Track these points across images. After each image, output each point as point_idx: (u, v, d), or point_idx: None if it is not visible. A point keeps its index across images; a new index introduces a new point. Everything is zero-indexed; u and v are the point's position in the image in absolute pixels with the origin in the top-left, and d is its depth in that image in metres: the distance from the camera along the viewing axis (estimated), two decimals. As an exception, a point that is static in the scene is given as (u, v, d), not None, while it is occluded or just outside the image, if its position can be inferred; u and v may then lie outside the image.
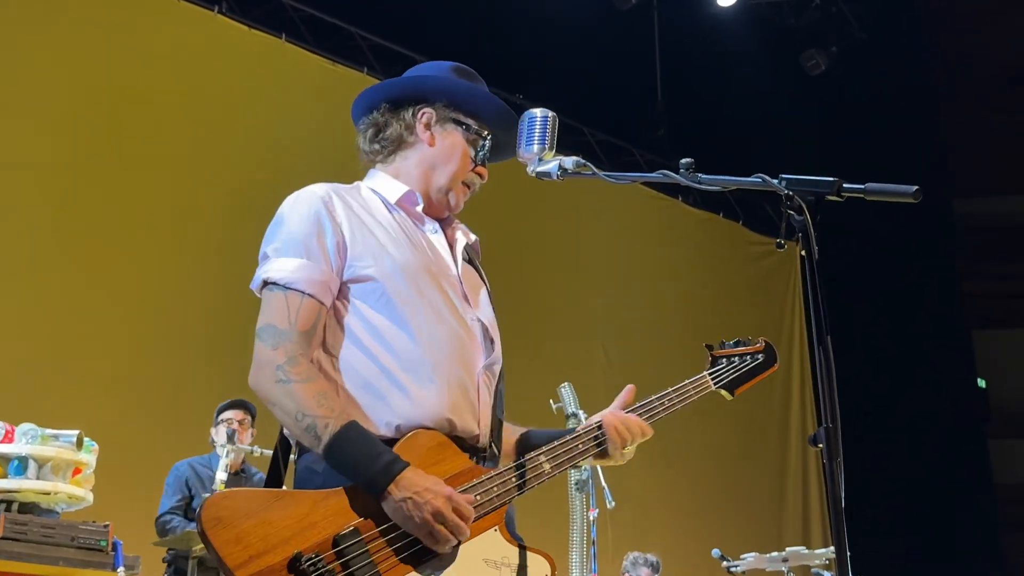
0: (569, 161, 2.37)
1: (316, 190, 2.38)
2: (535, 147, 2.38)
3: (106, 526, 4.50)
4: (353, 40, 9.06)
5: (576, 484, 5.85)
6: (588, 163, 2.36)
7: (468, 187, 2.53)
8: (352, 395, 2.25)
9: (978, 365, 15.28)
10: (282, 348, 2.20)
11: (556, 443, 2.41)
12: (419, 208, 2.47)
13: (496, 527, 2.23)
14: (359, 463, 2.13)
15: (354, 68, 8.85)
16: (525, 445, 2.49)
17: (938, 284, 13.81)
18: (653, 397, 2.59)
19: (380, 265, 2.30)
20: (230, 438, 5.41)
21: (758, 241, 11.05)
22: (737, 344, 2.74)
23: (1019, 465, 14.88)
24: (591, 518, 5.76)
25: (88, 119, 7.41)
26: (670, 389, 2.59)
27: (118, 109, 7.54)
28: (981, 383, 15.52)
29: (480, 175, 2.55)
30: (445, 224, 2.55)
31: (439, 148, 2.51)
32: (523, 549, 2.26)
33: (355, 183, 2.52)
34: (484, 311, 2.45)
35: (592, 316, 9.33)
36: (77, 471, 4.60)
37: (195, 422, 6.47)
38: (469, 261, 2.55)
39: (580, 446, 2.45)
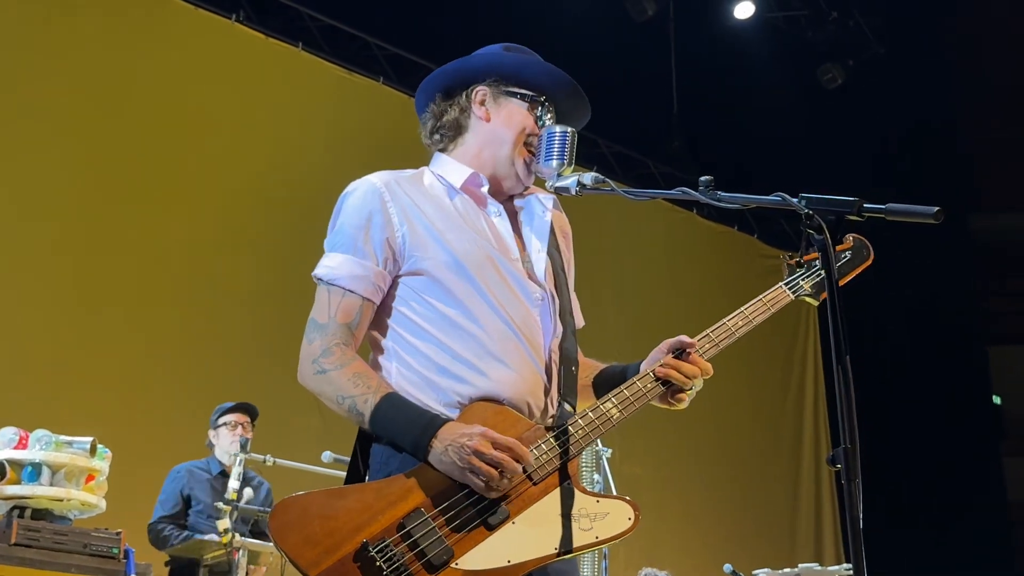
0: (588, 177, 2.37)
1: (374, 180, 2.42)
2: (554, 162, 2.39)
3: (118, 534, 4.50)
4: (369, 50, 9.08)
5: (588, 497, 5.84)
6: (607, 179, 2.37)
7: (530, 147, 2.50)
8: (428, 381, 2.29)
9: (993, 382, 15.21)
10: (318, 341, 2.29)
11: (623, 387, 2.38)
12: (484, 189, 2.48)
13: (565, 483, 2.23)
14: (403, 428, 2.19)
15: (370, 77, 8.87)
16: (600, 386, 2.53)
17: (954, 300, 13.75)
18: (715, 326, 2.51)
19: (438, 256, 2.34)
20: (243, 447, 5.40)
21: (772, 255, 11.02)
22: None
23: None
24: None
25: (104, 125, 7.43)
26: (734, 314, 2.49)
27: (134, 116, 7.56)
28: (997, 400, 15.44)
29: None
30: (516, 199, 2.55)
31: (496, 121, 2.52)
32: (600, 498, 2.26)
33: (420, 168, 2.54)
34: (551, 284, 2.46)
35: (604, 328, 9.32)
36: (90, 478, 4.60)
37: (207, 428, 6.47)
38: (551, 232, 2.54)
39: (643, 389, 2.39)
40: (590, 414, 2.31)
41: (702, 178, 2.18)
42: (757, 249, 11.11)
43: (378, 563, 2.07)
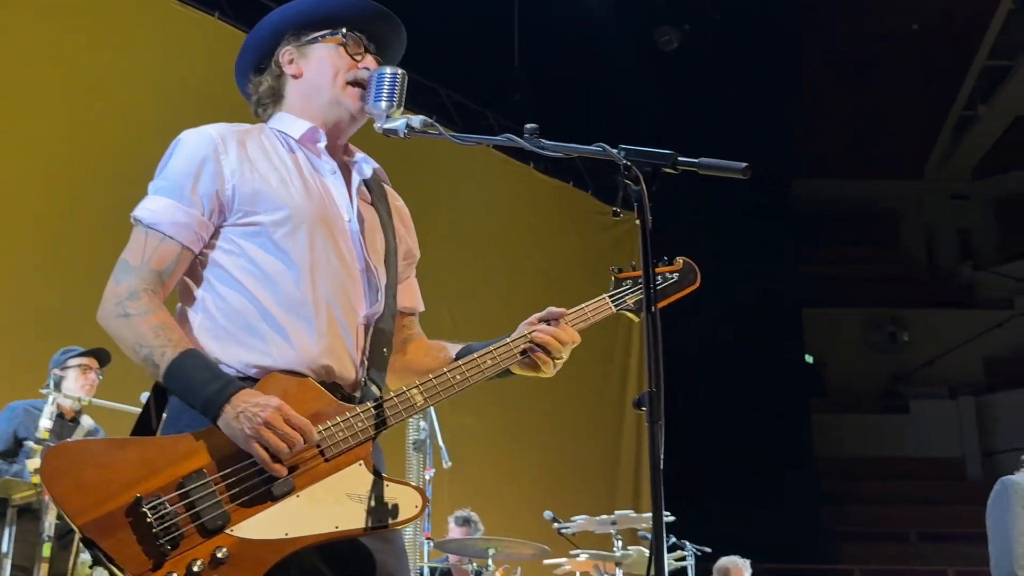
0: (416, 120, 2.37)
1: (210, 130, 2.37)
2: (383, 103, 2.38)
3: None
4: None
5: (413, 443, 5.89)
6: (435, 123, 2.37)
7: (358, 84, 2.46)
8: (231, 334, 2.25)
9: (806, 342, 15.96)
10: (126, 283, 2.23)
11: (442, 371, 2.36)
12: (321, 145, 2.44)
13: (360, 461, 2.21)
14: (197, 386, 2.14)
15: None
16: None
17: (774, 262, 14.31)
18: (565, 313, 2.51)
19: (267, 210, 2.30)
20: (56, 385, 5.23)
21: (606, 211, 11.24)
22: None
23: (838, 439, 15.65)
24: (427, 478, 5.81)
25: (83, 120, 7.38)
26: (570, 311, 2.51)
27: (114, 108, 7.49)
28: (809, 359, 16.23)
29: (367, 67, 2.48)
30: (345, 159, 2.52)
31: (308, 72, 2.49)
32: (390, 483, 2.24)
33: (259, 124, 2.50)
34: (376, 257, 2.43)
35: (438, 279, 9.35)
36: None
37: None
38: (373, 202, 2.52)
39: (474, 371, 2.38)
40: (395, 398, 2.29)
41: (527, 125, 2.21)
42: (592, 205, 11.29)
43: (149, 519, 2.02)
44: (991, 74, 15.97)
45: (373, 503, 2.19)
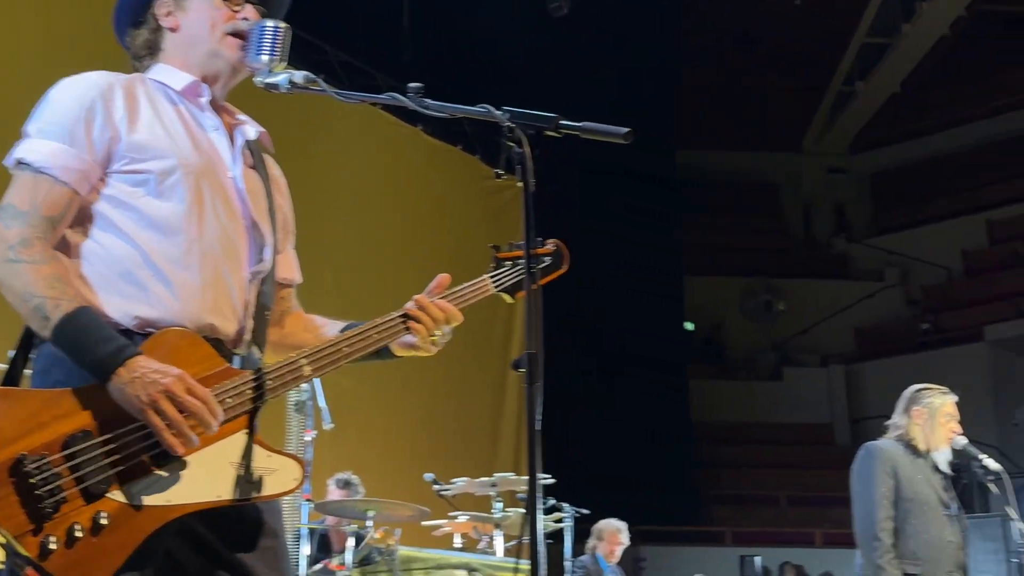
0: (299, 75, 2.32)
1: (95, 78, 2.28)
2: (265, 57, 2.32)
3: None
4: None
5: (295, 405, 5.83)
6: (319, 79, 2.33)
7: (238, 36, 2.39)
8: (111, 283, 2.17)
9: (686, 309, 16.30)
10: (16, 229, 2.12)
11: (329, 344, 2.33)
12: (204, 99, 2.38)
13: (244, 430, 2.17)
14: (88, 345, 2.05)
15: None
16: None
17: (656, 229, 14.55)
18: (446, 293, 2.50)
19: (157, 160, 2.23)
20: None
21: (493, 176, 11.24)
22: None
23: (714, 405, 16.06)
24: (307, 439, 5.76)
25: None
26: (449, 291, 2.49)
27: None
28: (688, 326, 16.58)
29: (247, 18, 2.40)
30: (228, 118, 2.45)
31: (186, 25, 2.41)
32: (273, 453, 2.21)
33: (137, 74, 2.41)
34: (260, 215, 2.38)
35: (322, 246, 9.23)
36: None
37: None
38: (254, 165, 2.46)
39: (361, 343, 2.36)
40: (284, 367, 2.25)
41: (411, 84, 2.19)
42: (479, 169, 11.28)
43: (33, 480, 1.93)
44: (869, 51, 16.47)
45: (255, 472, 2.16)
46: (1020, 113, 17.20)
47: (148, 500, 2.04)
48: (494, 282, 2.56)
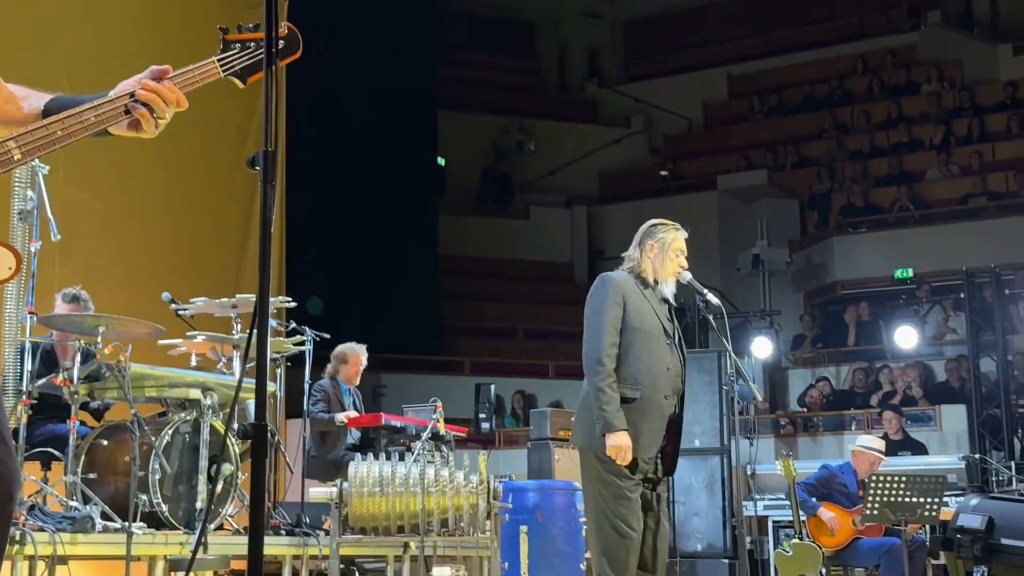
0: None
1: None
2: None
3: None
4: None
5: (19, 213, 5.49)
6: None
7: None
8: None
9: (440, 144, 16.32)
10: None
11: (40, 126, 2.17)
12: None
13: None
14: None
15: None
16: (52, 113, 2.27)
17: (413, 62, 14.38)
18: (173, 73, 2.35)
19: None
20: None
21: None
22: (257, 28, 2.44)
23: (462, 240, 16.33)
24: (32, 250, 5.46)
25: None
26: (173, 73, 2.35)
27: None
28: (441, 161, 16.63)
29: None
30: None
31: None
32: None
33: None
34: None
35: (58, 49, 8.56)
36: None
37: None
38: None
39: (78, 126, 2.22)
40: None
41: None
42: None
43: None
44: None
45: None
46: (768, -28, 17.86)
47: None
48: (222, 65, 2.41)
